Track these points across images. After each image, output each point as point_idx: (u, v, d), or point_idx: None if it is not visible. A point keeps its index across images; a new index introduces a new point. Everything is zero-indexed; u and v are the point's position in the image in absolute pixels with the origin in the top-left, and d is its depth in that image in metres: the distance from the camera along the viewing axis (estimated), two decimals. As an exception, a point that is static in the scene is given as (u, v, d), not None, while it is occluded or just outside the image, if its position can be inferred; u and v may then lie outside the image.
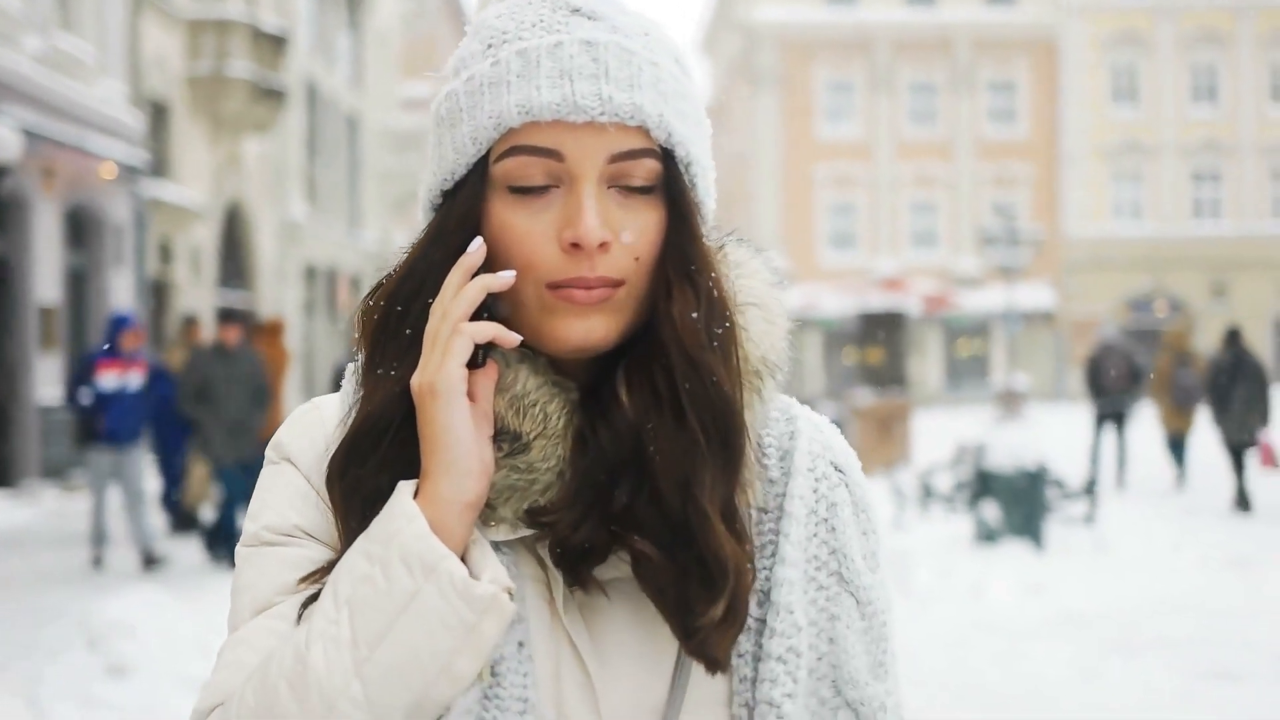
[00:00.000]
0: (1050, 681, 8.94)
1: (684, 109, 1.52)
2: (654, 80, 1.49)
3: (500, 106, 1.47)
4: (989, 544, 13.35)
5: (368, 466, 1.49)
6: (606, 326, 1.48)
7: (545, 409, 1.49)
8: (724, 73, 72.15)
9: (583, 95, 1.45)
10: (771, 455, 1.61)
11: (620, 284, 1.47)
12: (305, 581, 1.50)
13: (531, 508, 1.49)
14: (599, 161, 1.46)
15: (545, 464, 1.49)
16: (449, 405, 1.42)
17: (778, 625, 1.51)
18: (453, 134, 1.52)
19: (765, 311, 1.59)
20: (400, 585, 1.38)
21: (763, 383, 1.57)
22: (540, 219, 1.47)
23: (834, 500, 1.59)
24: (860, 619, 1.56)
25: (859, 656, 1.55)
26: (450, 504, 1.42)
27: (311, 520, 1.55)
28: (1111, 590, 11.58)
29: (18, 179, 20.60)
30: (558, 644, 1.52)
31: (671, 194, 1.51)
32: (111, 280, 25.35)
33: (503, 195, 1.49)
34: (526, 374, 1.50)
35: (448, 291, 1.46)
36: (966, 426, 27.81)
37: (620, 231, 1.47)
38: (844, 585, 1.56)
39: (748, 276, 1.60)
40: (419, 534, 1.39)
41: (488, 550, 1.44)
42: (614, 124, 1.46)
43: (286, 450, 1.59)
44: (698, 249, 1.51)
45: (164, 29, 28.95)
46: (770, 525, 1.57)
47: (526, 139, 1.46)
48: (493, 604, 1.39)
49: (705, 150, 1.57)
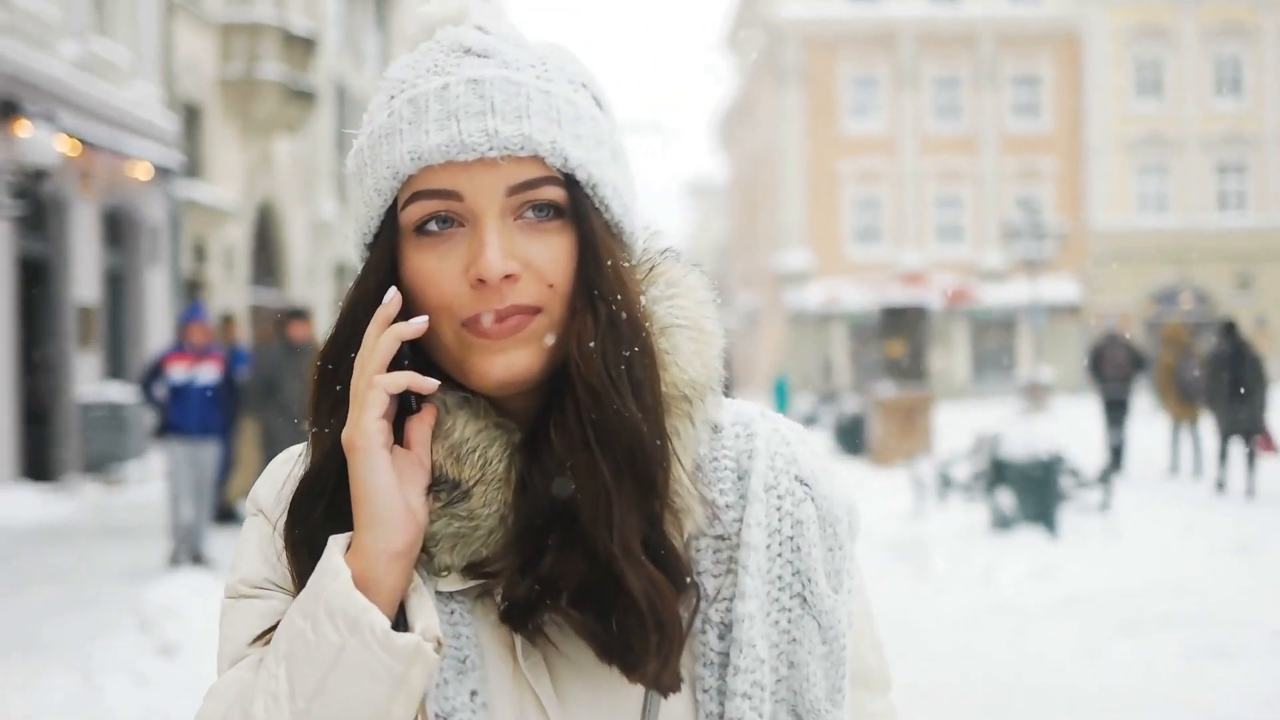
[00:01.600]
0: (1056, 660, 9.30)
1: (581, 132, 1.51)
2: (545, 108, 1.49)
3: (394, 156, 1.49)
4: (1004, 531, 13.71)
5: (310, 523, 1.50)
6: (527, 359, 1.47)
7: (485, 454, 1.49)
8: (748, 70, 72.18)
9: (469, 133, 1.46)
10: (727, 477, 1.58)
11: (537, 311, 1.47)
12: (260, 639, 1.52)
13: (474, 560, 1.49)
14: (497, 196, 1.46)
15: (487, 510, 1.49)
16: (367, 458, 1.43)
17: (741, 662, 1.50)
18: (362, 189, 1.55)
19: (696, 331, 1.57)
20: (327, 639, 1.40)
21: (691, 406, 1.54)
22: (448, 259, 1.48)
23: (799, 517, 1.57)
24: (821, 643, 1.55)
25: (819, 684, 1.55)
26: (376, 556, 1.42)
27: (278, 572, 1.56)
28: (1119, 574, 11.94)
29: (57, 181, 21.04)
30: (520, 691, 1.51)
31: (579, 219, 1.51)
32: (147, 279, 25.85)
33: (413, 241, 1.50)
34: (465, 419, 1.51)
35: (366, 344, 1.47)
36: (991, 419, 28.10)
37: (529, 260, 1.47)
38: (806, 608, 1.55)
39: (681, 295, 1.59)
40: (343, 588, 1.40)
41: (425, 599, 1.45)
42: (505, 157, 1.46)
43: (259, 502, 1.62)
44: (601, 273, 1.49)
45: (196, 33, 29.43)
46: (728, 553, 1.55)
47: (424, 184, 1.48)
48: (416, 654, 1.39)
49: (616, 170, 1.56)
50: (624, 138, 1.63)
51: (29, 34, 21.26)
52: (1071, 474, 14.55)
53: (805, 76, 60.11)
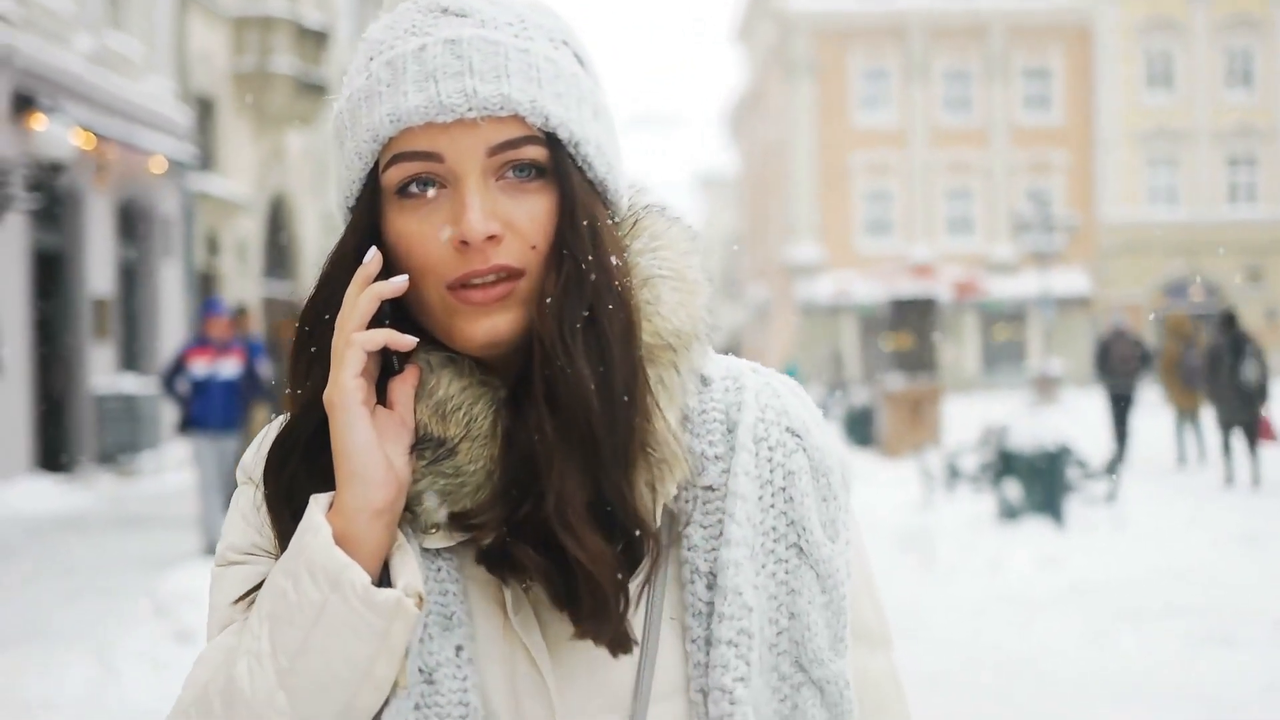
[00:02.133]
0: (1061, 647, 9.42)
1: (561, 90, 1.51)
2: (524, 67, 1.49)
3: (374, 118, 1.49)
4: (1011, 521, 13.83)
5: (285, 480, 1.51)
6: (510, 321, 1.47)
7: (470, 411, 1.50)
8: (760, 62, 72.33)
9: (448, 94, 1.45)
10: (716, 429, 1.58)
11: (520, 273, 1.47)
12: (242, 600, 1.52)
13: (458, 511, 1.49)
14: (478, 157, 1.46)
15: (472, 466, 1.49)
16: (347, 416, 1.43)
17: (725, 609, 1.50)
18: (342, 151, 1.54)
19: (680, 282, 1.57)
20: (309, 597, 1.40)
21: (676, 355, 1.54)
22: (430, 221, 1.47)
23: (791, 468, 1.57)
24: (821, 593, 1.55)
25: (821, 633, 1.55)
26: (357, 512, 1.43)
27: (266, 538, 1.56)
28: (1124, 563, 12.06)
29: (72, 175, 21.21)
30: (511, 646, 1.51)
31: (560, 177, 1.50)
32: (161, 272, 26.06)
33: (395, 203, 1.50)
34: (450, 378, 1.51)
35: (346, 305, 1.47)
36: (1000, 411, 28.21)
37: (512, 221, 1.47)
38: (803, 558, 1.55)
39: (665, 247, 1.58)
40: (323, 545, 1.41)
41: (408, 555, 1.45)
42: (485, 118, 1.46)
43: (248, 469, 1.62)
44: (575, 232, 1.49)
45: (209, 26, 29.62)
46: (717, 504, 1.54)
47: (404, 145, 1.47)
48: (398, 609, 1.40)
49: (598, 127, 1.56)
50: (631, 128, 1.62)
51: (45, 28, 21.45)
52: (1078, 465, 14.67)
53: (816, 69, 60.21)
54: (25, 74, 20.34)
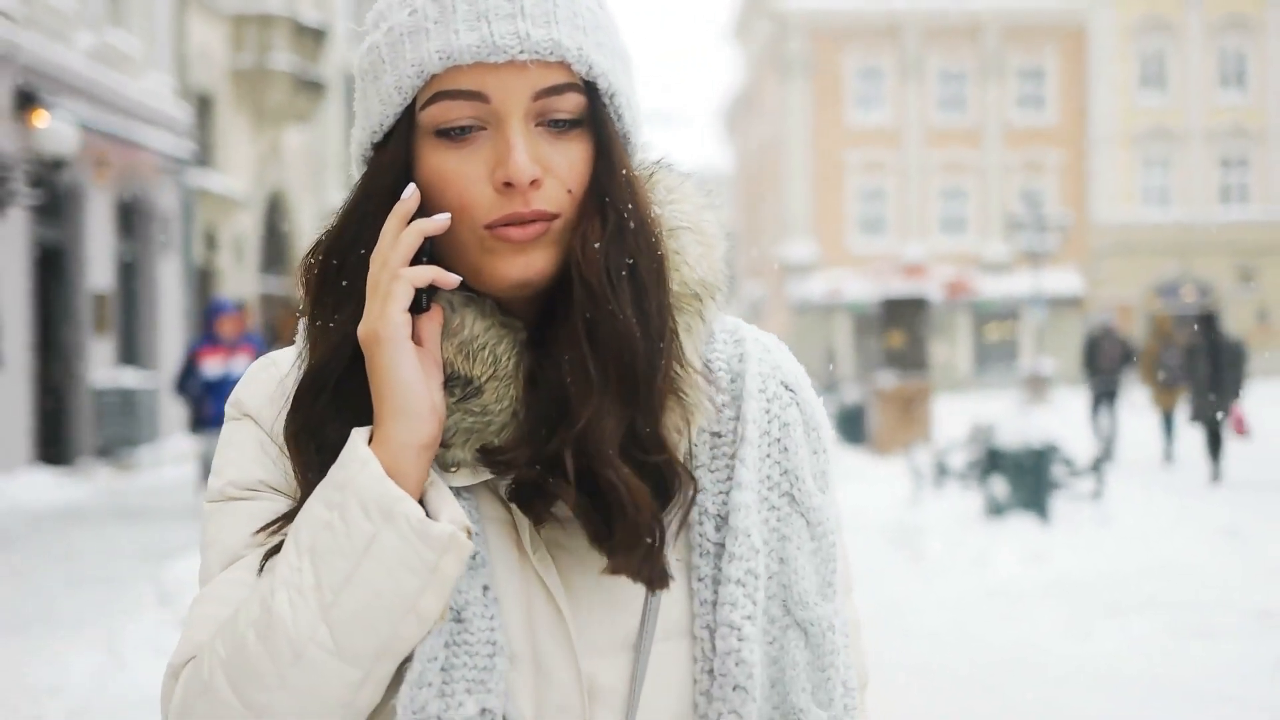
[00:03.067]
0: (1044, 639, 9.63)
1: (603, 41, 1.53)
2: (570, 15, 1.50)
3: (421, 54, 1.48)
4: (997, 517, 14.03)
5: (316, 416, 1.51)
6: (544, 260, 1.49)
7: (494, 351, 1.51)
8: (755, 60, 72.44)
9: (501, 35, 1.46)
10: (721, 378, 1.62)
11: (556, 217, 1.49)
12: (263, 532, 1.51)
13: (486, 448, 1.50)
14: (523, 99, 1.47)
15: (499, 405, 1.50)
16: (394, 350, 1.43)
17: (736, 549, 1.54)
18: (377, 86, 1.53)
19: (699, 235, 1.60)
20: (359, 529, 1.40)
21: (702, 304, 1.58)
22: (471, 161, 1.48)
23: (786, 420, 1.62)
24: (810, 539, 1.59)
25: (808, 577, 1.58)
26: (404, 447, 1.43)
27: (273, 474, 1.56)
28: (1108, 558, 12.27)
29: (73, 171, 21.41)
30: (527, 584, 1.53)
31: (597, 126, 1.53)
32: (160, 267, 26.21)
33: (431, 141, 1.50)
34: (473, 318, 1.52)
35: (385, 239, 1.47)
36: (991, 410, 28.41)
37: (550, 166, 1.48)
38: (795, 506, 1.59)
39: (680, 201, 1.61)
40: (374, 478, 1.41)
41: (445, 491, 1.46)
42: (534, 61, 1.47)
43: (245, 406, 1.61)
44: (614, 180, 1.51)
45: (208, 23, 29.81)
46: (725, 449, 1.59)
47: (449, 83, 1.47)
48: (451, 543, 1.40)
49: (629, 81, 1.58)
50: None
51: (47, 25, 21.61)
52: (1065, 463, 14.89)
53: (811, 68, 60.37)
54: (28, 70, 20.48)
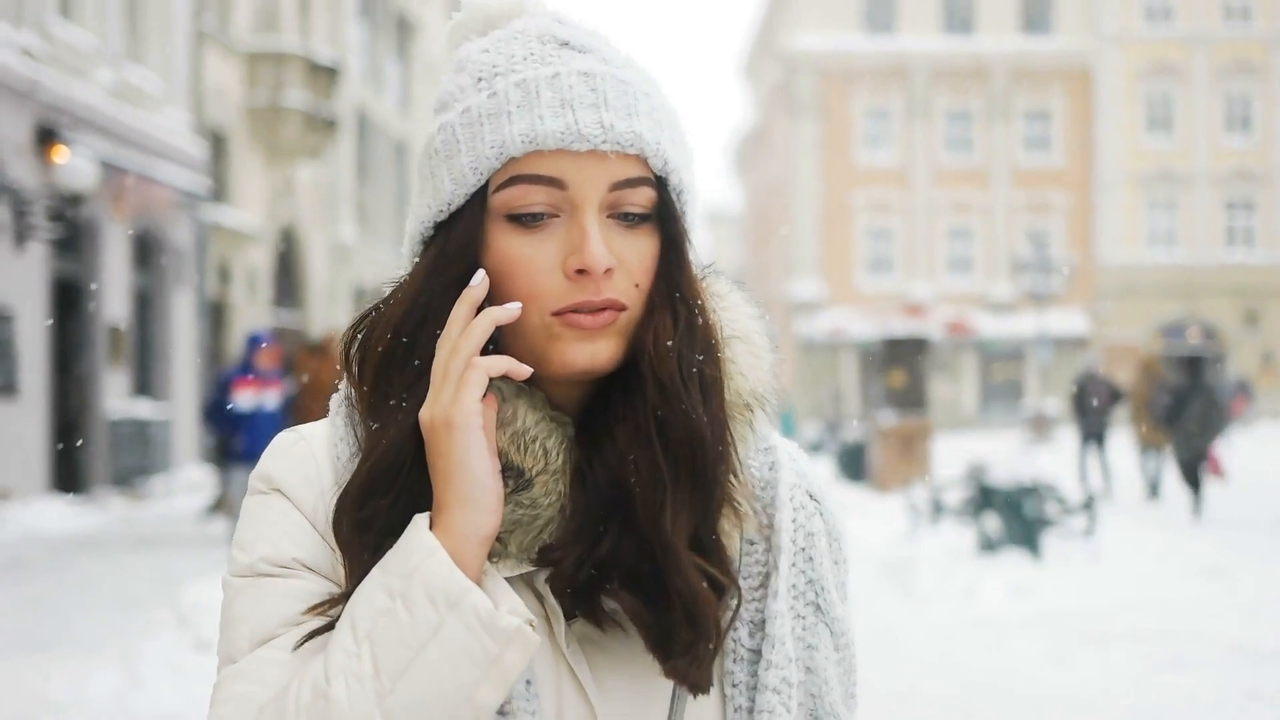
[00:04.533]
0: (1025, 668, 9.99)
1: (676, 137, 1.55)
2: (650, 109, 1.51)
3: (503, 136, 1.48)
4: (989, 553, 14.43)
5: (384, 501, 1.48)
6: (611, 350, 1.49)
7: (545, 444, 1.50)
8: (764, 100, 72.86)
9: (585, 124, 1.46)
10: (754, 486, 1.61)
11: (624, 309, 1.49)
12: (312, 612, 1.49)
13: (538, 545, 1.50)
14: (601, 189, 1.48)
15: (547, 499, 1.49)
16: (466, 439, 1.42)
17: (773, 657, 1.54)
18: (449, 165, 1.52)
19: (750, 345, 1.60)
20: (424, 618, 1.39)
21: (753, 415, 1.58)
22: (542, 248, 1.48)
23: (811, 530, 1.62)
24: (835, 650, 1.60)
25: (836, 688, 1.59)
26: (468, 537, 1.42)
27: (310, 554, 1.53)
28: (1093, 593, 12.63)
29: (91, 206, 21.86)
30: (560, 678, 1.52)
31: (664, 222, 1.53)
32: (174, 300, 26.56)
33: (502, 225, 1.50)
34: (525, 409, 1.51)
35: (454, 325, 1.46)
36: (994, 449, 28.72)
37: (622, 258, 1.49)
38: (820, 616, 1.60)
39: (730, 309, 1.62)
40: (443, 567, 1.40)
41: (501, 582, 1.44)
42: (615, 152, 1.47)
43: (277, 482, 1.57)
44: (685, 277, 1.53)
45: (224, 61, 30.23)
46: (758, 557, 1.58)
47: (529, 168, 1.48)
48: (516, 635, 1.40)
49: (694, 178, 1.59)
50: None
51: (67, 63, 22.02)
52: (1058, 501, 15.26)
53: (820, 108, 60.66)
54: (48, 107, 20.91)
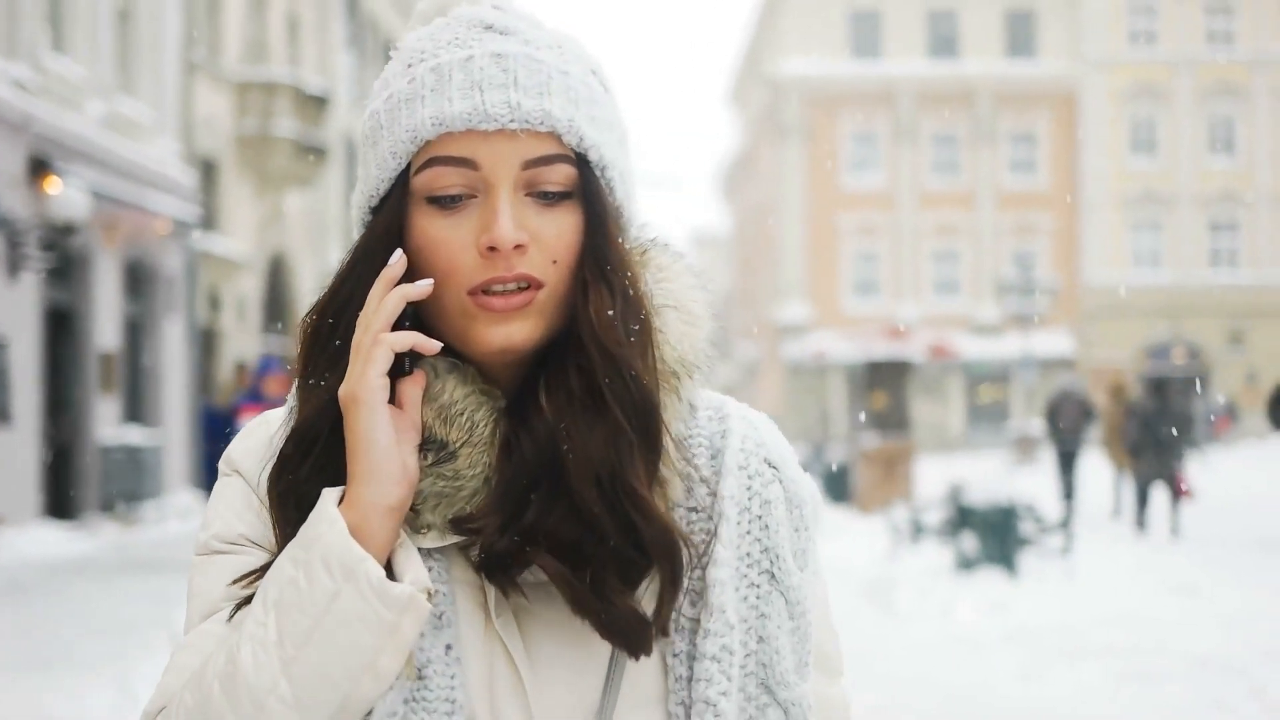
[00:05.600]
0: (999, 682, 10.27)
1: (596, 115, 1.56)
2: (564, 88, 1.53)
3: (415, 120, 1.51)
4: (967, 571, 14.71)
5: (300, 474, 1.53)
6: (527, 329, 1.51)
7: (472, 417, 1.52)
8: (752, 125, 73.21)
9: (492, 104, 1.49)
10: (702, 454, 1.62)
11: (540, 286, 1.50)
12: (238, 584, 1.53)
13: (457, 515, 1.52)
14: (512, 168, 1.50)
15: (471, 471, 1.52)
16: (370, 413, 1.45)
17: (711, 625, 1.54)
18: (375, 151, 1.57)
19: (684, 314, 1.61)
20: (321, 587, 1.42)
21: (679, 382, 1.59)
22: (459, 228, 1.50)
23: (767, 497, 1.61)
24: (789, 618, 1.59)
25: (787, 657, 1.58)
26: (372, 508, 1.45)
27: (255, 529, 1.58)
28: (1066, 610, 12.88)
29: (83, 235, 22.06)
30: (490, 647, 1.54)
31: (588, 198, 1.54)
32: (165, 328, 26.74)
33: (423, 207, 1.52)
34: (454, 384, 1.53)
35: (371, 303, 1.49)
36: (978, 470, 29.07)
37: (537, 234, 1.50)
38: (775, 584, 1.58)
39: (669, 279, 1.63)
40: (339, 537, 1.42)
41: (412, 553, 1.48)
42: (525, 130, 1.50)
43: (235, 462, 1.63)
44: (613, 250, 1.54)
45: (214, 90, 30.50)
46: (702, 525, 1.58)
47: (441, 150, 1.50)
48: (410, 604, 1.42)
49: (623, 155, 1.60)
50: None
51: (58, 94, 22.31)
52: (1035, 520, 15.55)
53: (806, 132, 61.00)
54: (41, 139, 21.14)
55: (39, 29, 21.90)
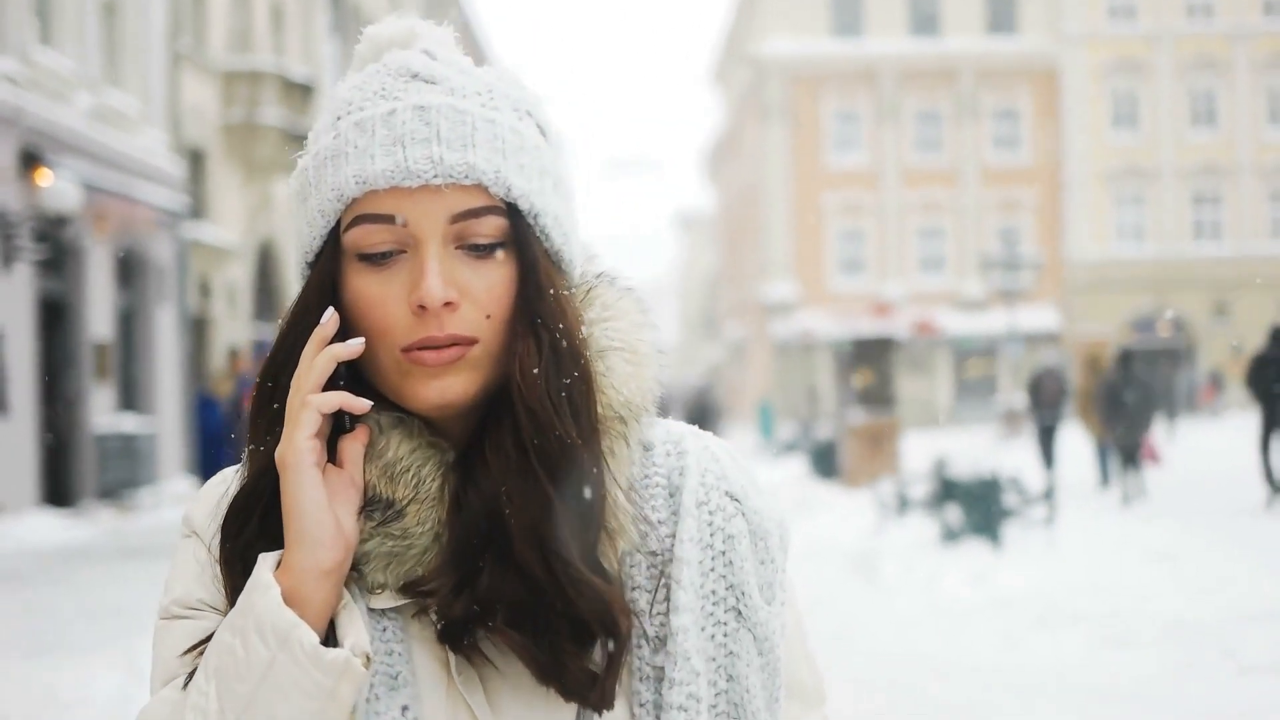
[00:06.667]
0: (981, 650, 10.54)
1: (526, 162, 1.51)
2: (490, 138, 1.49)
3: (340, 178, 1.48)
4: (951, 543, 15.00)
5: (242, 538, 1.50)
6: (463, 384, 1.47)
7: (419, 473, 1.49)
8: (735, 105, 73.36)
9: (415, 160, 1.45)
10: (659, 494, 1.59)
11: (473, 342, 1.47)
12: (189, 654, 1.50)
13: (409, 579, 1.49)
14: (439, 223, 1.46)
15: (420, 528, 1.49)
16: (298, 476, 1.42)
17: (676, 675, 1.51)
18: (304, 208, 1.54)
19: (631, 354, 1.56)
20: (257, 654, 1.39)
21: (626, 427, 1.55)
22: (390, 285, 1.47)
23: (730, 532, 1.57)
24: (758, 655, 1.56)
25: (758, 695, 1.55)
26: (306, 573, 1.42)
27: (212, 593, 1.55)
28: (1047, 578, 13.15)
29: (75, 226, 22.32)
30: (454, 707, 1.50)
31: (520, 248, 1.51)
32: (157, 316, 27.06)
33: (354, 264, 1.49)
34: (399, 439, 1.50)
35: (302, 364, 1.47)
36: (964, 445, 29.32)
37: (468, 290, 1.47)
38: (741, 621, 1.56)
39: (615, 318, 1.58)
40: (272, 604, 1.40)
41: (355, 615, 1.45)
42: (450, 185, 1.46)
43: (194, 524, 1.60)
44: (544, 302, 1.50)
45: (200, 80, 30.69)
46: (661, 569, 1.55)
47: (368, 208, 1.47)
48: (346, 668, 1.39)
49: (557, 199, 1.56)
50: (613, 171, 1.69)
51: (47, 88, 22.57)
52: (1019, 492, 15.85)
53: (789, 112, 61.11)
54: (31, 132, 21.43)
55: (27, 23, 22.13)
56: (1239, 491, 19.74)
